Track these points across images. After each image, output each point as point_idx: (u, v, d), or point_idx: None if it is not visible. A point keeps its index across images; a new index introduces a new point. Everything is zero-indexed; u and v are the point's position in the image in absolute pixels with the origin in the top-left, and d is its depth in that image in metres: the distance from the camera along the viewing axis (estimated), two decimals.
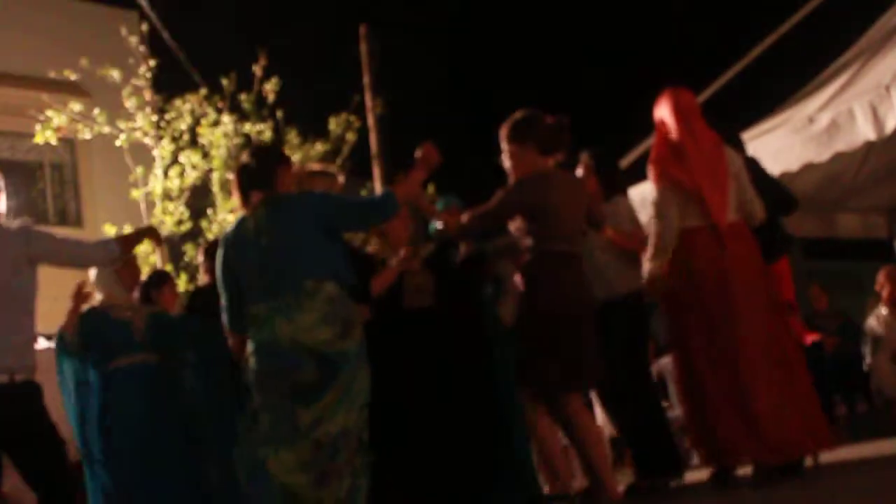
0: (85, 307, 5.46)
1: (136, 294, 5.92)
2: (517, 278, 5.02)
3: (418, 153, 4.62)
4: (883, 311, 8.93)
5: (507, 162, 5.05)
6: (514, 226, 5.00)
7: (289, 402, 4.17)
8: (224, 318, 4.55)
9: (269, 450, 4.13)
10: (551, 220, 4.82)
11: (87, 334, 5.36)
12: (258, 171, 4.51)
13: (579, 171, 5.69)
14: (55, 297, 5.39)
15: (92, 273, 5.55)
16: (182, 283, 11.03)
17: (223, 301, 4.53)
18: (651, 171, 5.09)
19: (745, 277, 4.93)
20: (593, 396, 5.81)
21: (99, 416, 5.31)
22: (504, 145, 5.03)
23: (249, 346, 4.31)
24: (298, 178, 5.22)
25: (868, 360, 9.14)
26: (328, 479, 4.11)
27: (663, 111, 5.17)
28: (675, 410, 8.20)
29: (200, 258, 6.27)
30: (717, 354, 4.86)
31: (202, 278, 6.23)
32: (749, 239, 5.07)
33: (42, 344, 5.29)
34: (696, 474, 6.13)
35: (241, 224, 4.47)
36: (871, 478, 4.77)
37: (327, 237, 4.42)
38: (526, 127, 4.96)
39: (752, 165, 5.79)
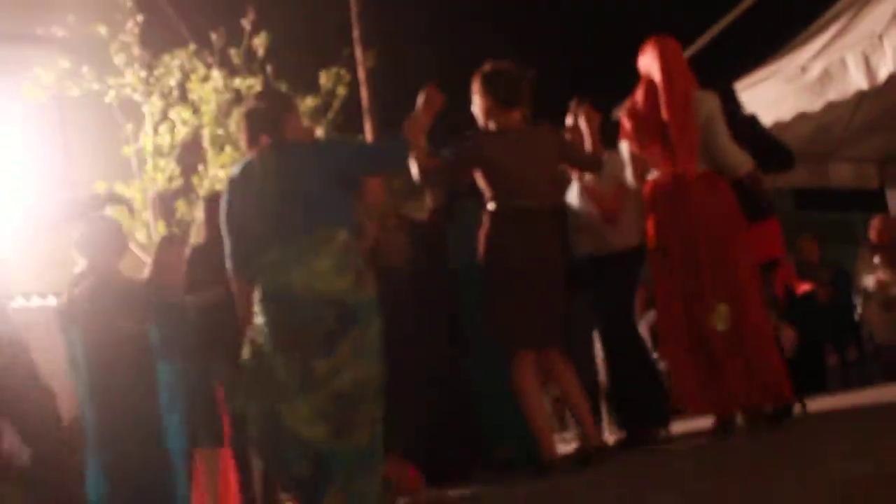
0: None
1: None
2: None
3: (421, 97, 4.59)
4: (876, 260, 8.97)
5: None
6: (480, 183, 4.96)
7: (303, 353, 4.09)
8: (228, 264, 4.40)
9: (282, 402, 4.06)
10: (504, 175, 4.76)
11: (70, 305, 5.32)
12: (266, 114, 4.43)
13: (569, 121, 5.67)
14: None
15: (76, 239, 5.49)
16: None
17: (228, 246, 4.39)
18: (622, 123, 5.12)
19: (710, 227, 4.92)
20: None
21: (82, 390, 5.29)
22: (473, 97, 5.00)
23: (258, 295, 4.19)
24: None
25: (859, 309, 9.20)
26: (349, 430, 4.05)
27: (647, 59, 5.16)
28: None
29: (199, 213, 6.19)
30: (681, 305, 4.89)
31: (198, 234, 6.18)
32: (719, 189, 5.05)
33: (35, 302, 5.27)
34: (688, 424, 6.17)
35: (246, 168, 4.37)
36: (861, 424, 4.81)
37: (338, 184, 4.33)
38: (488, 80, 4.92)
39: (752, 122, 5.76)
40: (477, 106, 4.98)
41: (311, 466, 4.04)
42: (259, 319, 4.19)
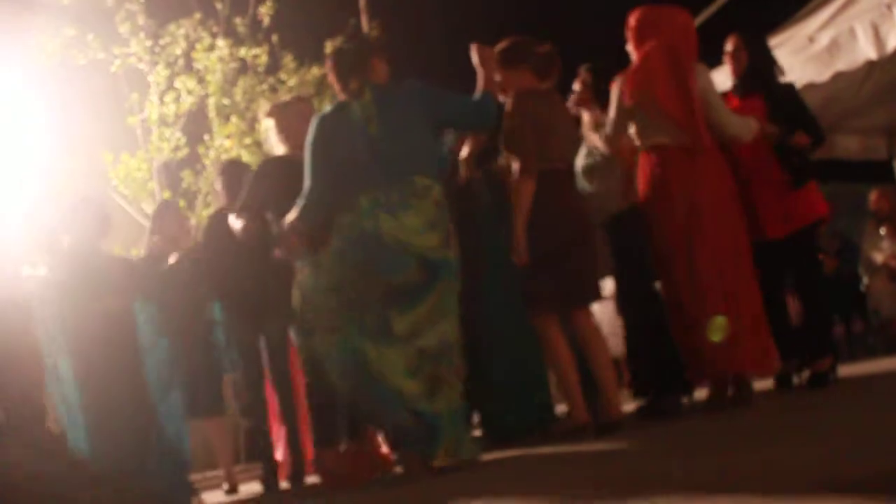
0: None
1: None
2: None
3: (475, 57, 4.53)
4: (882, 232, 8.95)
5: (499, 90, 4.90)
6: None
7: (380, 304, 4.10)
8: (298, 205, 4.36)
9: (367, 343, 4.07)
10: (545, 135, 4.70)
11: (55, 283, 5.32)
12: (354, 57, 4.40)
13: (576, 86, 5.63)
14: None
15: (59, 219, 5.49)
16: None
17: (307, 187, 4.33)
18: (628, 82, 5.02)
19: (717, 196, 4.92)
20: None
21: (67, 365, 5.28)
22: (497, 74, 4.89)
23: (341, 235, 4.17)
24: (269, 114, 5.26)
25: (865, 280, 9.19)
26: (440, 387, 4.07)
27: (669, 25, 5.09)
28: None
29: (217, 183, 6.17)
30: (690, 270, 4.87)
31: (204, 203, 6.19)
32: (722, 160, 5.05)
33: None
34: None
35: (343, 109, 4.32)
36: (870, 393, 4.82)
37: (433, 133, 4.34)
38: (520, 51, 4.89)
39: (788, 91, 5.68)
40: (503, 79, 4.88)
41: (415, 421, 4.04)
42: (336, 257, 4.16)
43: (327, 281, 4.20)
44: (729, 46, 5.57)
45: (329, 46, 12.32)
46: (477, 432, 5.48)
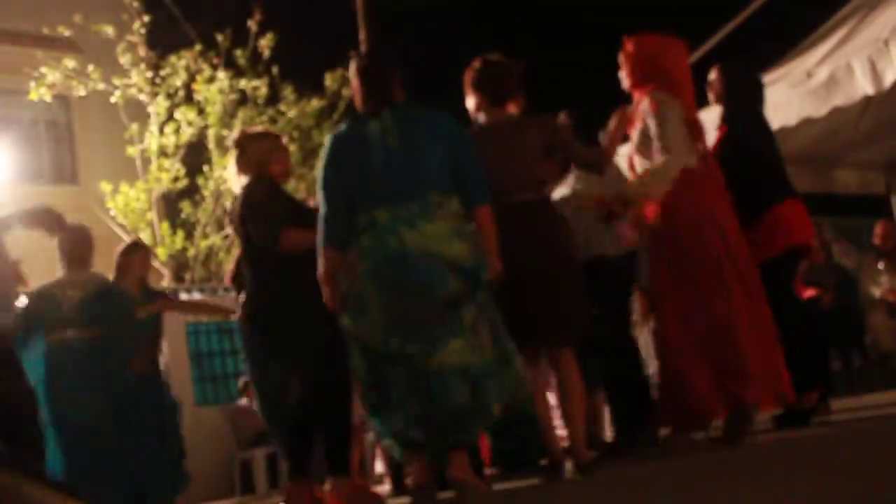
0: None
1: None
2: None
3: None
4: (880, 266, 8.95)
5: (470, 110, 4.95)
6: None
7: (426, 329, 3.90)
8: (321, 230, 4.13)
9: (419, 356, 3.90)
10: (492, 172, 4.45)
11: (28, 312, 5.36)
12: (379, 75, 4.29)
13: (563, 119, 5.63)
14: None
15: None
16: (179, 241, 11.03)
17: (324, 209, 4.13)
18: (665, 100, 4.93)
19: (732, 213, 4.91)
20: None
21: (40, 392, 5.27)
22: (465, 94, 4.93)
23: (364, 262, 3.98)
24: (239, 141, 5.15)
25: (864, 314, 9.18)
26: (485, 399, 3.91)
27: (672, 56, 5.08)
28: None
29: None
30: (700, 306, 4.79)
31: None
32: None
33: None
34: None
35: (360, 124, 4.20)
36: (864, 427, 4.80)
37: (450, 157, 4.16)
38: (477, 77, 4.83)
39: (753, 125, 5.70)
40: (469, 102, 4.92)
41: (473, 398, 3.87)
42: (364, 287, 3.98)
43: (365, 313, 3.99)
44: (709, 77, 5.61)
45: (329, 79, 12.38)
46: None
